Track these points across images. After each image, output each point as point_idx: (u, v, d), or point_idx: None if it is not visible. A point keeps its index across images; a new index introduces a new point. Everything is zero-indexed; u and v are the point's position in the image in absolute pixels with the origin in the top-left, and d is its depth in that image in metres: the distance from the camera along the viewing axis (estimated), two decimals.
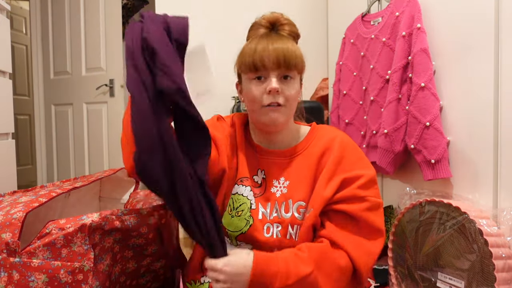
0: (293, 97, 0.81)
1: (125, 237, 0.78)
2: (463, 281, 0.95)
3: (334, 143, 0.82)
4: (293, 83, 0.81)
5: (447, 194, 1.17)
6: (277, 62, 0.77)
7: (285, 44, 0.79)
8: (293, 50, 0.79)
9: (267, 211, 0.81)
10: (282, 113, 0.80)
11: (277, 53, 0.77)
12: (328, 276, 0.72)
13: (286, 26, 0.85)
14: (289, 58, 0.78)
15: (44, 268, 0.67)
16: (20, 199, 0.80)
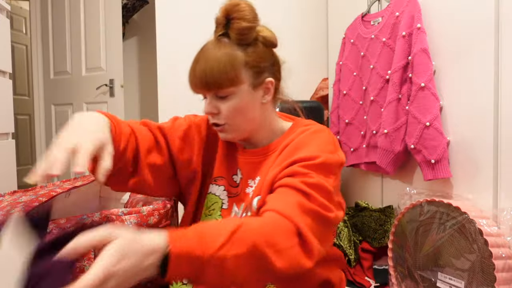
0: (231, 114, 0.76)
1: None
2: (463, 281, 0.95)
3: (302, 134, 0.78)
4: (230, 101, 0.75)
5: (447, 194, 1.17)
6: (202, 87, 0.75)
7: (211, 60, 0.73)
8: (216, 69, 0.72)
9: (239, 211, 0.80)
10: (228, 132, 0.79)
11: (199, 77, 0.74)
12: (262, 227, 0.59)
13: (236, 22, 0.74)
14: (210, 81, 0.73)
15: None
16: (20, 199, 0.80)
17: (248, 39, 0.76)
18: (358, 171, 1.68)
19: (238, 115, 0.77)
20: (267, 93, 0.80)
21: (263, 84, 0.79)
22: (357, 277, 1.25)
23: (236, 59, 0.74)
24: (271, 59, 0.81)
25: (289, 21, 2.10)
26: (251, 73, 0.76)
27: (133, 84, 2.90)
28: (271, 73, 0.80)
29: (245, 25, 0.74)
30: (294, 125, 0.85)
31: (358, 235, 1.42)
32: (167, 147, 0.83)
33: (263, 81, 0.78)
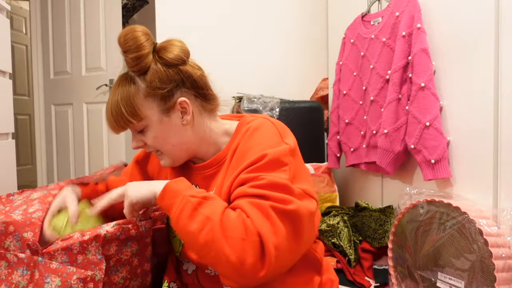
0: (156, 143, 0.77)
1: (141, 248, 0.78)
2: (463, 281, 0.95)
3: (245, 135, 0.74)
4: (147, 133, 0.76)
5: (447, 194, 1.17)
6: (113, 129, 0.76)
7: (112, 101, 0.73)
8: (117, 109, 0.72)
9: None
10: (164, 159, 0.80)
11: (108, 119, 0.75)
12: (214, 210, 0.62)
13: (127, 55, 0.73)
14: (118, 120, 0.73)
15: (60, 271, 0.67)
16: (32, 196, 0.80)
17: (142, 69, 0.74)
18: (358, 171, 1.68)
19: (163, 144, 0.77)
20: (185, 113, 0.77)
21: (176, 106, 0.76)
22: (357, 277, 1.25)
23: (130, 96, 0.73)
24: (178, 78, 0.76)
25: (289, 21, 2.11)
26: (156, 101, 0.74)
27: None
28: (183, 91, 0.77)
29: (131, 56, 0.72)
30: (238, 126, 0.81)
31: (358, 235, 1.42)
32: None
33: (174, 103, 0.76)
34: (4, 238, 0.70)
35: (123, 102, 0.73)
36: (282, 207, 0.61)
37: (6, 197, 0.85)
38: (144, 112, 0.74)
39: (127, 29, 0.73)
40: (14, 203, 0.79)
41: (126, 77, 0.75)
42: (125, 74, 0.76)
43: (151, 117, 0.75)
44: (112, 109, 0.73)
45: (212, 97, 0.82)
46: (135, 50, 0.72)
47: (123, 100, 0.73)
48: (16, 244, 0.69)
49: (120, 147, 2.42)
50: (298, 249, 0.65)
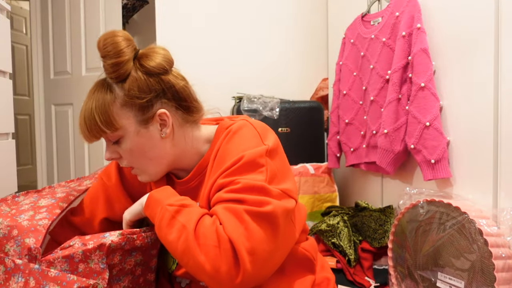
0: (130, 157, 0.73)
1: (146, 258, 0.77)
2: (463, 281, 0.95)
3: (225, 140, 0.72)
4: (122, 144, 0.72)
5: (447, 194, 1.17)
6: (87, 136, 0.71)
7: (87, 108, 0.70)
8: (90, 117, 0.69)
9: None
10: (140, 175, 0.77)
11: (81, 127, 0.71)
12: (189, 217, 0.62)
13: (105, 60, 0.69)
14: (91, 129, 0.69)
15: (60, 279, 0.66)
16: (40, 202, 0.79)
17: (121, 76, 0.70)
18: (358, 171, 1.69)
19: (139, 157, 0.73)
20: (165, 125, 0.73)
21: (155, 118, 0.72)
22: (357, 277, 1.25)
23: (105, 104, 0.69)
24: (159, 88, 0.72)
25: (289, 21, 2.11)
26: (134, 111, 0.70)
27: None
28: (163, 102, 0.73)
29: (109, 62, 0.68)
30: (218, 130, 0.78)
31: (358, 235, 1.42)
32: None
33: (153, 115, 0.72)
34: (6, 242, 0.69)
35: (97, 110, 0.68)
36: (257, 210, 0.60)
37: (12, 198, 0.85)
38: (119, 122, 0.70)
39: (107, 33, 0.68)
40: (20, 207, 0.78)
41: (103, 84, 0.71)
42: (102, 81, 0.72)
43: (127, 128, 0.71)
44: (85, 116, 0.69)
45: (195, 109, 0.78)
46: (114, 56, 0.68)
47: (97, 108, 0.68)
48: (16, 249, 0.69)
49: None
50: (278, 250, 0.63)
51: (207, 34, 2.03)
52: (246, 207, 0.60)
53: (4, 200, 0.84)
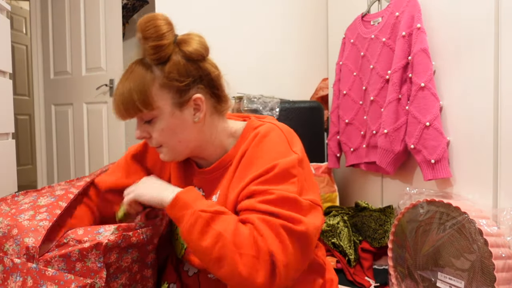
0: (162, 137, 0.74)
1: (142, 254, 0.77)
2: (463, 281, 0.95)
3: (253, 141, 0.73)
4: (155, 124, 0.73)
5: (447, 194, 1.17)
6: (121, 115, 0.72)
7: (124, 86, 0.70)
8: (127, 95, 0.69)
9: None
10: (165, 154, 0.77)
11: (117, 105, 0.71)
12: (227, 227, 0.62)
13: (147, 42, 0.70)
14: (126, 107, 0.70)
15: (57, 278, 0.66)
16: (39, 201, 0.79)
17: (161, 58, 0.71)
18: (358, 171, 1.68)
19: (169, 137, 0.74)
20: (198, 110, 0.75)
21: (190, 102, 0.74)
22: (357, 277, 1.25)
23: (145, 83, 0.70)
24: (197, 74, 0.74)
25: (289, 21, 2.11)
26: (171, 93, 0.72)
27: None
28: (199, 88, 0.75)
29: (151, 45, 0.70)
30: (246, 129, 0.80)
31: (358, 235, 1.42)
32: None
33: (189, 99, 0.73)
34: (5, 241, 0.69)
35: (136, 89, 0.69)
36: (292, 228, 0.62)
37: (11, 198, 0.85)
38: (156, 103, 0.71)
39: (149, 16, 0.70)
40: (20, 206, 0.78)
41: (143, 64, 0.72)
42: (140, 60, 0.73)
43: (163, 109, 0.72)
44: (123, 95, 0.70)
45: (225, 99, 0.81)
46: (156, 38, 0.69)
47: (137, 87, 0.69)
48: (15, 248, 0.69)
49: (120, 147, 2.42)
50: (305, 265, 0.67)
51: (207, 34, 2.03)
52: (281, 222, 0.62)
53: (4, 200, 0.84)
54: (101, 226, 0.72)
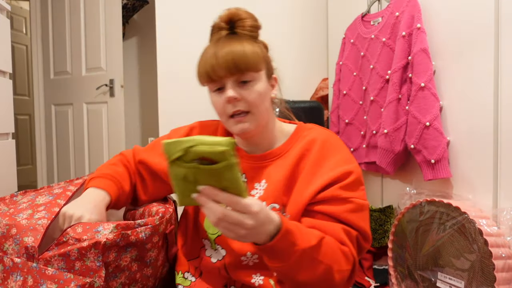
0: (256, 100, 0.76)
1: (141, 253, 0.77)
2: (463, 281, 0.95)
3: (314, 144, 0.79)
4: (253, 86, 0.76)
5: (447, 194, 1.17)
6: (228, 69, 0.73)
7: (234, 46, 0.74)
8: (242, 52, 0.74)
9: None
10: (249, 121, 0.77)
11: (225, 59, 0.73)
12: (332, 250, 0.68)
13: (245, 21, 0.79)
14: (238, 62, 0.73)
15: (57, 278, 0.66)
16: (37, 200, 0.79)
17: (256, 37, 0.80)
18: None
19: (260, 102, 0.78)
20: (273, 87, 0.84)
21: (272, 78, 0.83)
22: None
23: (256, 47, 0.77)
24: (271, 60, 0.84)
25: (289, 21, 2.10)
26: (265, 64, 0.80)
27: (133, 84, 2.90)
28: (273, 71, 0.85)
29: (253, 23, 0.79)
30: (298, 129, 0.86)
31: None
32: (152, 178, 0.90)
33: (271, 75, 0.83)
34: (4, 241, 0.69)
35: (251, 49, 0.75)
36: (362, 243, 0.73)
37: (10, 197, 0.85)
38: (262, 66, 0.78)
39: (235, 7, 0.79)
40: (18, 205, 0.78)
41: (243, 35, 0.78)
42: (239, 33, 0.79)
43: (262, 74, 0.78)
44: (235, 53, 0.73)
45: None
46: (254, 19, 0.80)
47: (251, 48, 0.75)
48: (14, 247, 0.69)
49: (120, 147, 2.42)
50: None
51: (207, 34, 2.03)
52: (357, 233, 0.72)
53: (2, 200, 0.84)
54: (100, 224, 0.71)
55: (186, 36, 1.99)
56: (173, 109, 1.99)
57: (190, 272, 0.85)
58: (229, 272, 0.81)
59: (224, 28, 0.79)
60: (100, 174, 0.86)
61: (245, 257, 0.78)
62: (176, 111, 1.98)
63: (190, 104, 2.05)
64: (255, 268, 0.78)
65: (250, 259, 0.78)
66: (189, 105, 2.06)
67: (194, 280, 0.84)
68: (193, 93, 2.15)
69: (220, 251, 0.82)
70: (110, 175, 0.85)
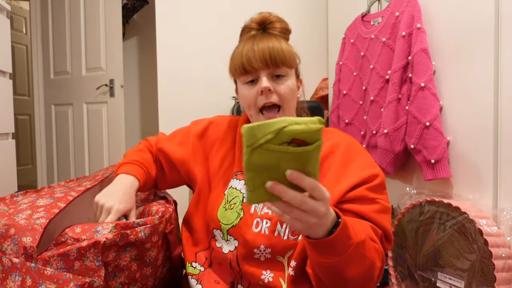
0: (288, 95, 0.80)
1: (141, 252, 0.77)
2: (463, 281, 0.95)
3: (339, 147, 0.80)
4: (286, 81, 0.80)
5: (447, 194, 1.17)
6: (264, 61, 0.77)
7: (271, 42, 0.78)
8: (279, 47, 0.78)
9: (259, 206, 0.81)
10: (280, 116, 0.79)
11: (263, 52, 0.77)
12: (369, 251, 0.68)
13: (275, 23, 0.84)
14: (275, 55, 0.77)
15: (56, 277, 0.66)
16: (38, 202, 0.79)
17: (288, 39, 0.85)
18: None
19: (291, 97, 0.81)
20: (299, 88, 0.87)
21: (299, 80, 0.87)
22: None
23: (290, 47, 0.81)
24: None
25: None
26: (296, 64, 0.84)
27: (133, 84, 2.91)
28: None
29: (281, 26, 0.84)
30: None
31: None
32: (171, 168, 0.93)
33: (298, 76, 0.87)
34: (3, 241, 0.69)
35: (287, 47, 0.79)
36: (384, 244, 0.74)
37: (10, 198, 0.84)
38: (294, 63, 0.82)
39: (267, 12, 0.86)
40: (18, 206, 0.78)
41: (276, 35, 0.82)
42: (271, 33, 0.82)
43: (293, 72, 0.83)
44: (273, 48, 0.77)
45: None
46: (285, 23, 0.85)
47: (287, 46, 0.80)
48: (13, 248, 0.68)
49: (120, 147, 2.42)
50: None
51: (207, 34, 2.03)
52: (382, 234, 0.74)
53: (3, 200, 0.84)
54: (99, 224, 0.71)
55: (186, 36, 1.99)
56: (173, 109, 1.99)
57: (198, 262, 0.86)
58: (240, 264, 0.80)
59: (255, 29, 0.84)
60: (129, 160, 0.90)
61: (258, 249, 0.78)
62: (176, 110, 1.98)
63: (190, 104, 2.06)
64: (266, 264, 0.78)
65: (263, 253, 0.78)
66: (189, 105, 2.06)
67: (203, 270, 0.85)
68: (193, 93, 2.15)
69: (232, 241, 0.82)
70: (138, 161, 0.90)
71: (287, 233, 0.77)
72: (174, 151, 0.92)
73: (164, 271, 0.88)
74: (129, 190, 0.83)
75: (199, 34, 2.02)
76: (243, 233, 0.79)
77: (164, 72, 1.99)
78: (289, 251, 0.77)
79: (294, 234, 0.77)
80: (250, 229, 0.79)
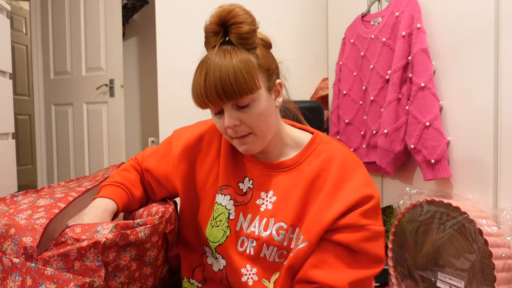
0: (257, 121, 0.71)
1: (140, 252, 0.77)
2: (463, 281, 0.95)
3: (332, 164, 0.74)
4: (252, 108, 0.70)
5: (447, 194, 1.17)
6: (219, 98, 0.67)
7: (224, 68, 0.66)
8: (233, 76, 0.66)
9: (246, 223, 0.78)
10: (253, 142, 0.74)
11: (215, 87, 0.66)
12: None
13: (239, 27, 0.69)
14: (229, 90, 0.66)
15: (56, 278, 0.66)
16: (38, 202, 0.79)
17: (253, 43, 0.71)
18: None
19: (262, 122, 0.72)
20: (278, 95, 0.77)
21: (275, 87, 0.76)
22: None
23: (250, 63, 0.68)
24: (274, 61, 0.77)
25: (289, 21, 2.11)
26: (264, 77, 0.72)
27: (133, 84, 2.90)
28: (277, 74, 0.77)
29: (247, 29, 0.69)
30: (313, 141, 0.80)
31: None
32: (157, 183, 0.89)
33: (274, 83, 0.75)
34: (3, 241, 0.69)
35: (243, 69, 0.67)
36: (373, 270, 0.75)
37: (10, 198, 0.84)
38: (258, 85, 0.69)
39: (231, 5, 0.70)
40: (18, 206, 0.78)
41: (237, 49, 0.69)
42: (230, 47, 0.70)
43: (261, 92, 0.71)
44: (230, 75, 0.66)
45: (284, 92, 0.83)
46: (251, 23, 0.69)
47: (243, 68, 0.67)
48: (13, 248, 0.68)
49: (120, 147, 2.42)
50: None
51: None
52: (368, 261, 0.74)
53: (3, 200, 0.84)
54: (99, 224, 0.71)
55: (186, 36, 1.99)
56: (173, 109, 1.99)
57: (195, 279, 0.85)
58: (230, 283, 0.80)
59: (216, 34, 0.72)
60: (110, 182, 0.85)
61: (245, 269, 0.77)
62: (176, 111, 1.98)
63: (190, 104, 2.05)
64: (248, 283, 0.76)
65: (250, 275, 0.77)
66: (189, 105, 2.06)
67: (200, 286, 0.84)
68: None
69: (220, 260, 0.81)
70: (119, 182, 0.85)
71: (273, 255, 0.75)
72: (157, 168, 0.87)
73: (164, 271, 0.88)
74: (101, 214, 0.78)
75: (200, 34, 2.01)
76: (230, 252, 0.78)
77: (164, 72, 1.99)
78: (275, 274, 0.75)
79: (281, 257, 0.74)
80: (236, 248, 0.77)
